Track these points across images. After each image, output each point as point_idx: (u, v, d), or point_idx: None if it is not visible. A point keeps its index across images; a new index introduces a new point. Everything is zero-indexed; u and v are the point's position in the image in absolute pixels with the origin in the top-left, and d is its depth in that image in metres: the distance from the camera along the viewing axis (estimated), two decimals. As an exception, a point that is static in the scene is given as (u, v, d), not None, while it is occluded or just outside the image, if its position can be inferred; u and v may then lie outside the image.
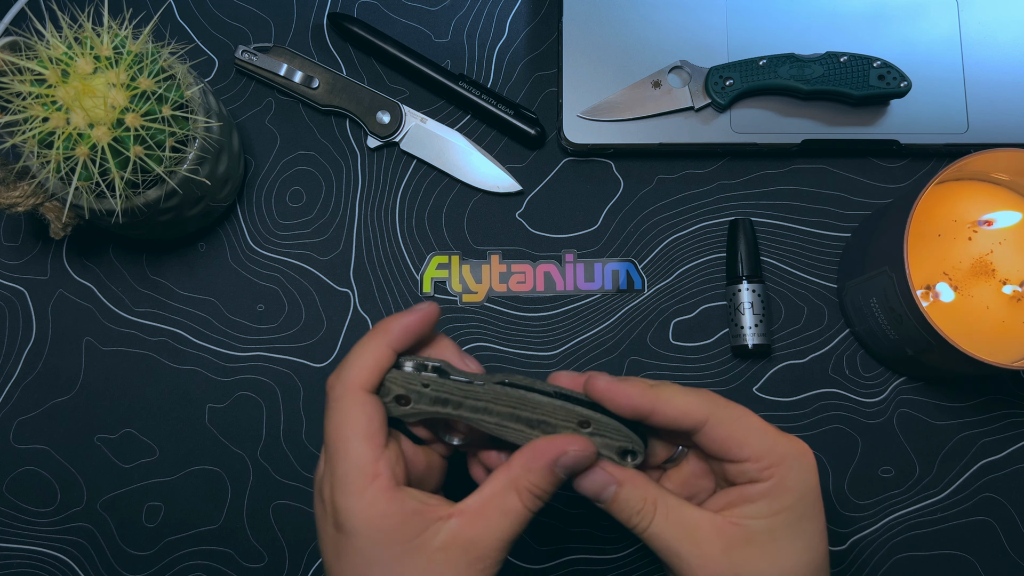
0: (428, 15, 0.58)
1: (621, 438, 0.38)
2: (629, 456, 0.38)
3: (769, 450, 0.37)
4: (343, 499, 0.36)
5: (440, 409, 0.38)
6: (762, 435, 0.37)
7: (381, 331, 0.39)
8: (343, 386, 0.37)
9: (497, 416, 0.38)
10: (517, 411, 0.38)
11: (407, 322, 0.39)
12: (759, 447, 0.37)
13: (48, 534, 0.52)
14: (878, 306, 0.49)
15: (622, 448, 0.38)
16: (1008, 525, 0.53)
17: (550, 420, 0.38)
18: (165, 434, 0.53)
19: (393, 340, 0.38)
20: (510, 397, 0.38)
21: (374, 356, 0.38)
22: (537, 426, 0.38)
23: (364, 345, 0.38)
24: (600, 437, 0.38)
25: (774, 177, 0.56)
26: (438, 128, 0.56)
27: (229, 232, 0.55)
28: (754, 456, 0.37)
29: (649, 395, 0.37)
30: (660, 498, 0.37)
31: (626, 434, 0.38)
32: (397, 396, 0.38)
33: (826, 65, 0.53)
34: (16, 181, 0.46)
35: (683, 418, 0.37)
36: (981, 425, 0.54)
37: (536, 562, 0.52)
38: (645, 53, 0.55)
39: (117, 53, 0.43)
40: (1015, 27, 0.56)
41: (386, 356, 0.38)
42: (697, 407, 0.37)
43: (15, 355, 0.53)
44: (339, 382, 0.37)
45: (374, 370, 0.38)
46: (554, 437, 0.37)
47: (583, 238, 0.55)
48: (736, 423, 0.37)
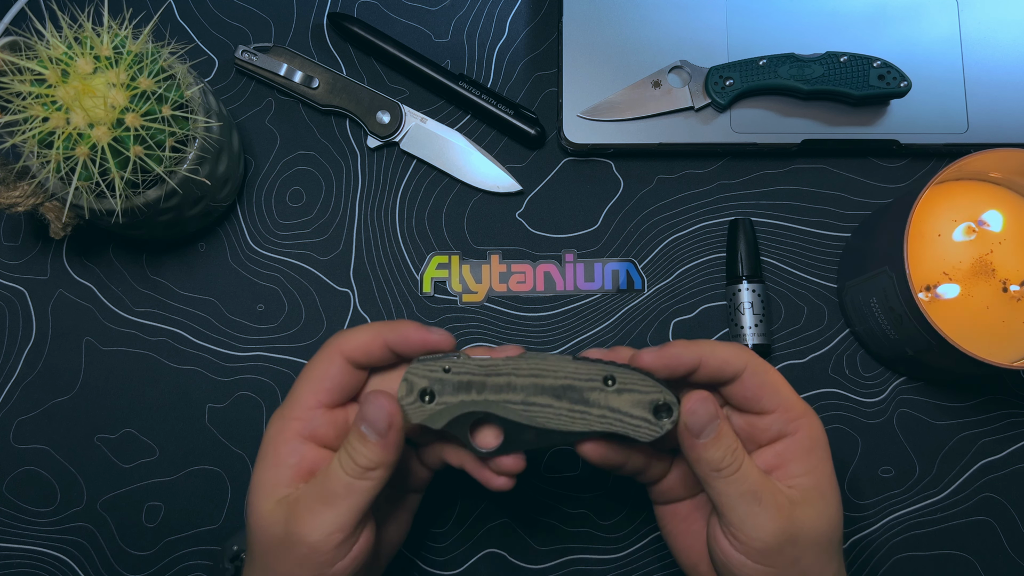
0: (428, 15, 0.58)
1: (650, 388, 0.38)
2: (664, 414, 0.38)
3: (795, 403, 0.39)
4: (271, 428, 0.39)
5: (465, 397, 0.38)
6: (788, 389, 0.39)
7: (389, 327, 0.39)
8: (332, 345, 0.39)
9: (522, 392, 0.37)
10: (540, 380, 0.37)
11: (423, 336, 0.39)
12: (787, 398, 0.39)
13: (48, 534, 0.52)
14: (878, 306, 0.49)
15: (654, 402, 0.38)
16: (1008, 525, 0.53)
17: (574, 384, 0.37)
18: (165, 434, 0.53)
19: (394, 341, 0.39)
20: (530, 364, 0.38)
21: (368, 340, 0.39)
22: (563, 395, 0.38)
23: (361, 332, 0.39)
24: (628, 393, 0.38)
25: (774, 177, 0.56)
26: (438, 128, 0.56)
27: (229, 232, 0.55)
28: (783, 407, 0.39)
29: (693, 349, 0.38)
30: (737, 441, 0.39)
31: (653, 383, 0.38)
32: (422, 391, 0.38)
33: (826, 65, 0.53)
34: (16, 181, 0.46)
35: (725, 366, 0.38)
36: (981, 425, 0.54)
37: (536, 562, 0.52)
38: (645, 53, 0.55)
39: (117, 53, 0.43)
40: (1015, 27, 0.56)
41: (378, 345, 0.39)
42: (736, 356, 0.39)
43: (15, 355, 0.53)
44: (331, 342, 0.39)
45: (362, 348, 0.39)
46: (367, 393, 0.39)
47: (583, 238, 0.55)
48: (768, 374, 0.39)
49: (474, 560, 0.52)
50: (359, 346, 0.38)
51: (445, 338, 0.39)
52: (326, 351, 0.39)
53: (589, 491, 0.53)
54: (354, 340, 0.38)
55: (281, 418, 0.38)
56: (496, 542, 0.52)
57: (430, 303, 0.54)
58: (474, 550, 0.52)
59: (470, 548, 0.52)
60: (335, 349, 0.39)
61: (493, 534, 0.52)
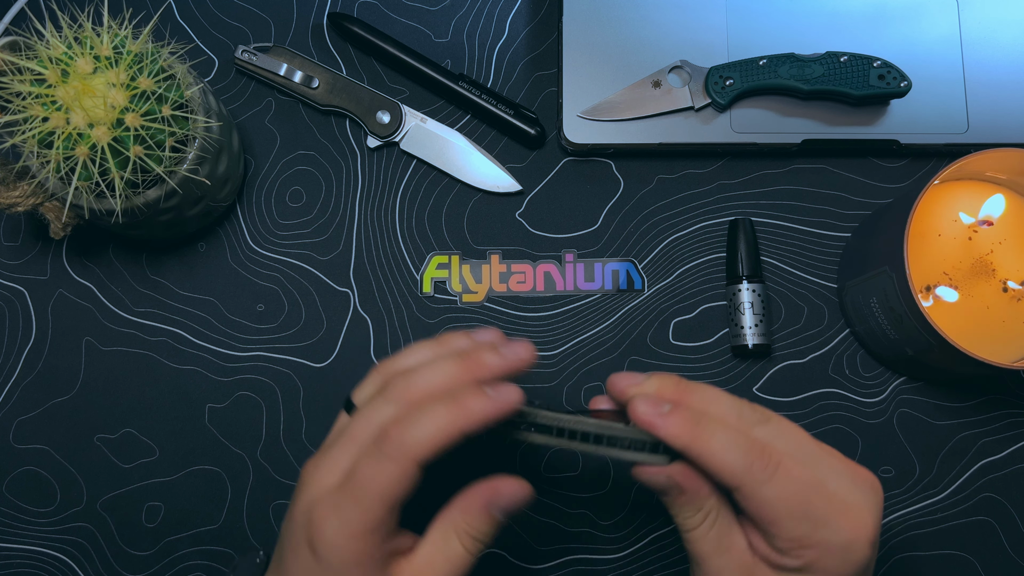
0: (428, 15, 0.58)
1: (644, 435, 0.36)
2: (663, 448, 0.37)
3: (803, 535, 0.34)
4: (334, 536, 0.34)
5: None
6: (797, 520, 0.34)
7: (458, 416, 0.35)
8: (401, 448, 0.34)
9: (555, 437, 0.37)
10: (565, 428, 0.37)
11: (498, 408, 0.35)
12: (790, 531, 0.34)
13: (48, 534, 0.52)
14: (878, 306, 0.49)
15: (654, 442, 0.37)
16: (1008, 525, 0.53)
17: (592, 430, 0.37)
18: (165, 434, 0.53)
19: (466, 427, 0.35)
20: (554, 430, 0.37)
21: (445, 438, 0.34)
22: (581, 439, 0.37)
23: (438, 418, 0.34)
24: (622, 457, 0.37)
25: (774, 177, 0.56)
26: (438, 128, 0.56)
27: (229, 232, 0.55)
28: (781, 537, 0.34)
29: (685, 436, 0.35)
30: (714, 510, 0.36)
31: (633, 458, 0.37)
32: None
33: (826, 65, 0.53)
34: (16, 181, 0.46)
35: (715, 474, 0.35)
36: (981, 425, 0.54)
37: (536, 562, 0.52)
38: (645, 53, 0.55)
39: (117, 53, 0.43)
40: (1015, 27, 0.56)
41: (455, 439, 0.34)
42: (729, 473, 0.34)
43: (15, 355, 0.53)
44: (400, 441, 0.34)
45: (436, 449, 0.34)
46: (489, 480, 0.36)
47: (583, 238, 0.55)
48: (766, 504, 0.34)
49: (474, 560, 0.52)
50: (435, 449, 0.34)
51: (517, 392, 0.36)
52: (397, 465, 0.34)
53: (589, 491, 0.53)
54: (428, 444, 0.34)
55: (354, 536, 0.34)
56: (496, 542, 0.52)
57: (430, 303, 0.54)
58: (474, 550, 0.52)
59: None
60: (410, 461, 0.34)
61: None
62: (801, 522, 0.34)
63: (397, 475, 0.34)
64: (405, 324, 0.54)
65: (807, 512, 0.34)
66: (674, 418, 0.35)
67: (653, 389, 0.37)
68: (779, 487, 0.34)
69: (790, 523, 0.34)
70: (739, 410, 0.36)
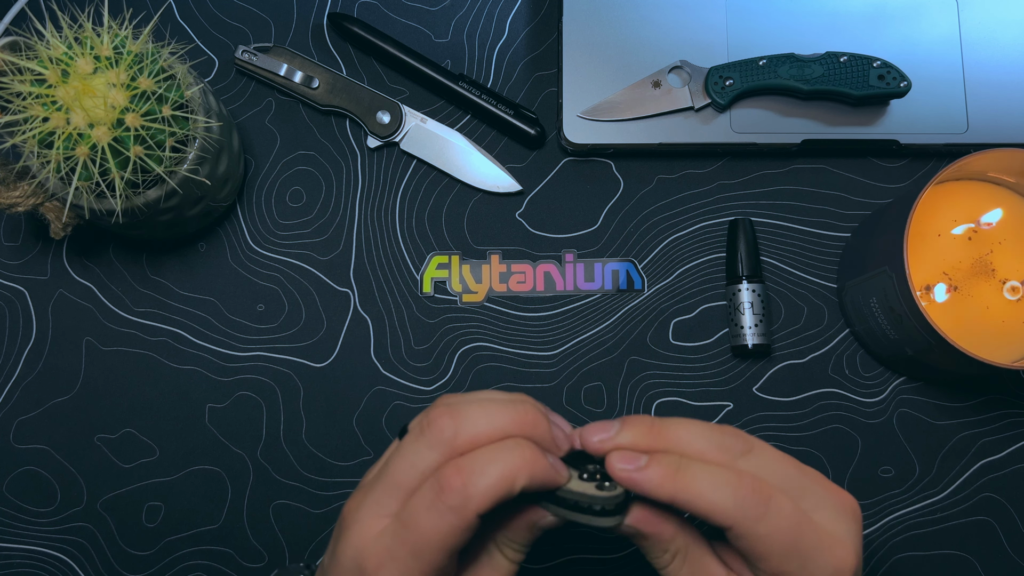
0: (428, 15, 0.58)
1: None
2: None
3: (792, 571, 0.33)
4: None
5: None
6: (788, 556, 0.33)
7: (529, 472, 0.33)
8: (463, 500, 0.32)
9: None
10: None
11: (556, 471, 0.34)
12: (779, 567, 0.33)
13: (48, 534, 0.52)
14: (878, 306, 0.49)
15: None
16: (1008, 525, 0.53)
17: None
18: (165, 434, 0.53)
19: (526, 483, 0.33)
20: None
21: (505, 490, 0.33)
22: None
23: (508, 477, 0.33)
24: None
25: (774, 177, 0.56)
26: (438, 128, 0.56)
27: (229, 232, 0.55)
28: (769, 573, 0.34)
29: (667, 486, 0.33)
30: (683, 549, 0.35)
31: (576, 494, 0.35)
32: None
33: (826, 65, 0.53)
34: (16, 181, 0.46)
35: (705, 517, 0.33)
36: (981, 425, 0.54)
37: (536, 562, 0.52)
38: (645, 53, 0.55)
39: (117, 53, 0.43)
40: (1015, 27, 0.56)
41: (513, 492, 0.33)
42: (721, 513, 0.33)
43: (15, 355, 0.53)
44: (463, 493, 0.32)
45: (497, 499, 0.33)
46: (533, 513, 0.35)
47: (583, 238, 0.55)
48: (759, 541, 0.33)
49: (474, 560, 0.52)
50: (495, 501, 0.32)
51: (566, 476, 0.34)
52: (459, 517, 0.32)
53: (589, 491, 0.53)
54: (489, 496, 0.32)
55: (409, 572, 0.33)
56: (496, 542, 0.52)
57: (430, 303, 0.54)
58: (474, 550, 0.52)
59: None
60: (470, 510, 0.32)
61: (493, 534, 0.52)
62: (791, 558, 0.33)
63: (458, 527, 0.32)
64: (405, 324, 0.54)
65: (797, 548, 0.33)
66: (653, 470, 0.33)
67: (627, 440, 0.35)
68: (771, 524, 0.33)
69: (780, 559, 0.33)
70: (720, 441, 0.35)
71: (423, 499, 0.33)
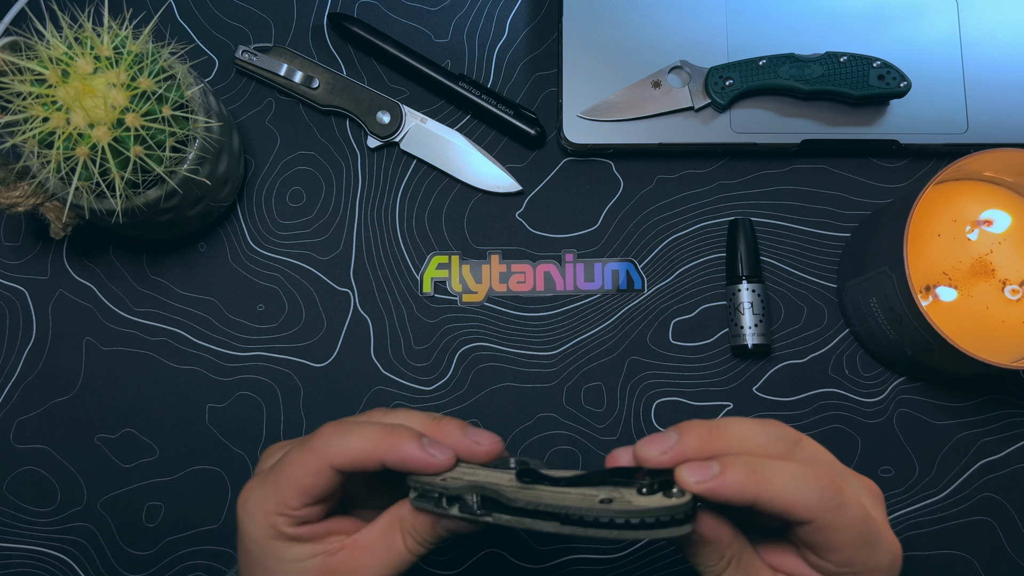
0: (428, 15, 0.58)
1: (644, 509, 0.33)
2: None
3: (861, 560, 0.34)
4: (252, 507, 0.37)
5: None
6: (860, 546, 0.34)
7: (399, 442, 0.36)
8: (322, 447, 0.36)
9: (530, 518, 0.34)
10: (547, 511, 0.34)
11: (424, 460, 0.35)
12: (852, 557, 0.34)
13: (48, 534, 0.52)
14: (878, 306, 0.49)
15: None
16: (1008, 525, 0.53)
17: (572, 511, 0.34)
18: (165, 434, 0.53)
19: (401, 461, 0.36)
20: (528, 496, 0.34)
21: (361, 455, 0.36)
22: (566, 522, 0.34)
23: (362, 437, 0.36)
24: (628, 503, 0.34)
25: (774, 177, 0.56)
26: (438, 128, 0.56)
27: (229, 232, 0.55)
28: (840, 563, 0.34)
29: (749, 488, 0.32)
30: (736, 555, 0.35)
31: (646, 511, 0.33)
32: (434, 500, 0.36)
33: (826, 65, 0.53)
34: (16, 181, 0.46)
35: (786, 515, 0.33)
36: (981, 425, 0.54)
37: (536, 562, 0.52)
38: (645, 53, 0.55)
39: (117, 53, 0.43)
40: (1015, 27, 0.56)
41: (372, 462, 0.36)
42: (804, 508, 0.32)
43: (15, 355, 0.53)
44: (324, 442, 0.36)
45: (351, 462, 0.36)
46: None
47: (583, 238, 0.55)
48: (838, 532, 0.33)
49: (474, 560, 0.52)
50: (352, 460, 0.36)
51: (448, 459, 0.36)
52: (315, 460, 0.36)
53: (589, 491, 0.53)
54: (348, 452, 0.36)
55: (266, 512, 0.37)
56: (496, 542, 0.52)
57: (430, 303, 0.54)
58: (474, 550, 0.52)
59: (470, 548, 0.52)
60: (325, 460, 0.36)
61: (493, 534, 0.52)
62: (863, 547, 0.33)
63: (312, 467, 0.36)
64: (405, 324, 0.54)
65: (867, 538, 0.34)
66: (732, 474, 0.32)
67: (691, 448, 0.34)
68: (848, 514, 0.33)
69: (854, 549, 0.33)
70: (775, 435, 0.35)
71: (300, 441, 0.37)
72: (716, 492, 0.32)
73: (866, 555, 0.34)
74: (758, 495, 0.32)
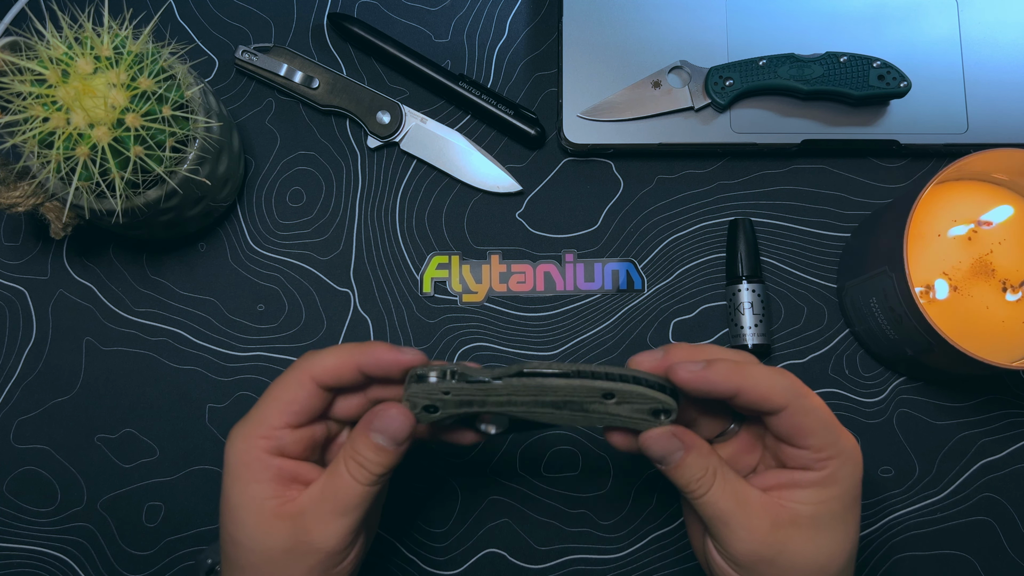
0: (428, 15, 0.58)
1: (648, 401, 0.38)
2: (663, 415, 0.38)
3: (830, 444, 0.38)
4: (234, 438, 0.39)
5: (467, 409, 0.38)
6: (828, 429, 0.38)
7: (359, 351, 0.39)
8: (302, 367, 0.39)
9: (523, 405, 0.38)
10: (540, 398, 0.38)
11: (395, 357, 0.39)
12: (823, 440, 0.38)
13: (48, 534, 0.52)
14: (878, 306, 0.49)
15: (653, 409, 0.38)
16: (1008, 525, 0.53)
17: (574, 399, 0.38)
18: (165, 434, 0.53)
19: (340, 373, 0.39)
20: (528, 388, 0.38)
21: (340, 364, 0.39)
22: (564, 407, 0.38)
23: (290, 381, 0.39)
24: (627, 404, 0.38)
25: (774, 177, 0.56)
26: (438, 128, 0.56)
27: (229, 232, 0.55)
28: (816, 447, 0.38)
29: (734, 378, 0.37)
30: (719, 469, 0.39)
31: (651, 397, 0.37)
32: (424, 406, 0.38)
33: (826, 65, 0.53)
34: (16, 181, 0.46)
35: (763, 403, 0.37)
36: (981, 425, 0.54)
37: (536, 562, 0.52)
38: (645, 53, 0.55)
39: (117, 53, 0.43)
40: (1015, 27, 0.56)
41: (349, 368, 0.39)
42: (779, 394, 0.37)
43: (15, 355, 0.53)
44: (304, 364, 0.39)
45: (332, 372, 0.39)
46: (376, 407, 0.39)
47: (583, 238, 0.55)
48: (809, 415, 0.38)
49: (474, 560, 0.52)
50: (329, 369, 0.38)
51: (418, 357, 0.39)
52: (295, 373, 0.39)
53: (589, 491, 0.53)
54: (325, 363, 0.38)
55: (245, 436, 0.39)
56: (496, 542, 0.52)
57: (430, 303, 0.54)
58: (474, 550, 0.52)
59: (470, 548, 0.52)
60: (305, 372, 0.38)
61: (493, 534, 0.52)
62: (829, 432, 0.38)
63: (293, 380, 0.38)
64: (405, 324, 0.54)
65: (830, 424, 0.38)
66: (718, 367, 0.37)
67: (683, 356, 0.39)
68: (813, 402, 0.38)
69: (823, 433, 0.37)
70: (743, 354, 0.40)
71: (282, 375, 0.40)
72: (707, 380, 0.37)
73: (833, 439, 0.38)
74: (741, 384, 0.37)
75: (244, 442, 0.38)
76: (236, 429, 0.39)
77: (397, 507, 0.52)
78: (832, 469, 0.38)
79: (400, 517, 0.52)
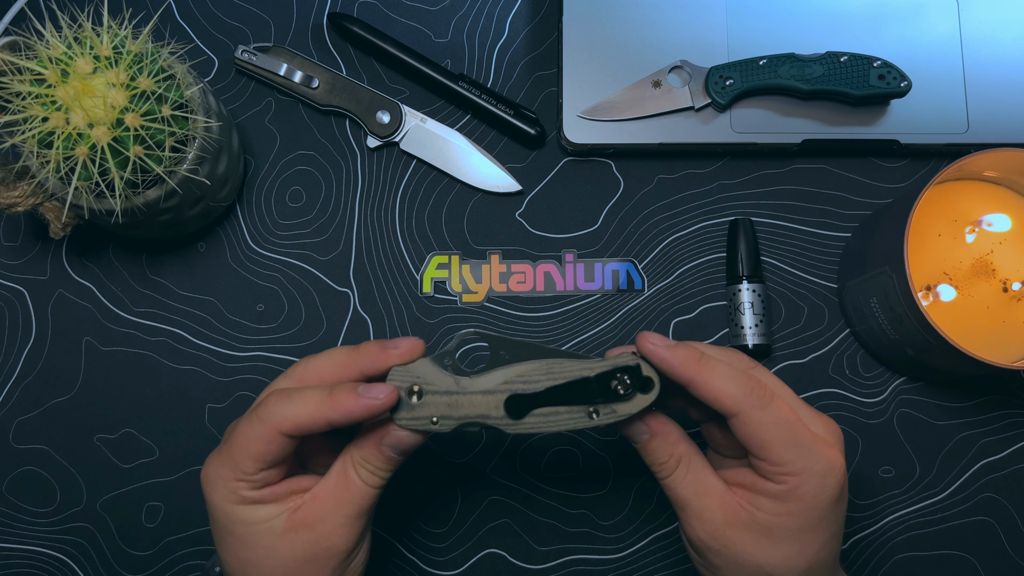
0: (428, 15, 0.58)
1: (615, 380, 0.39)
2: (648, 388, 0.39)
3: (790, 461, 0.37)
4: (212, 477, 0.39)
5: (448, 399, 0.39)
6: (788, 446, 0.37)
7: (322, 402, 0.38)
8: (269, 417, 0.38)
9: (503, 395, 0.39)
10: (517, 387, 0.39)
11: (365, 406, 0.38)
12: (780, 455, 0.37)
13: (48, 534, 0.52)
14: (878, 306, 0.49)
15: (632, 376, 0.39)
16: (1008, 525, 0.53)
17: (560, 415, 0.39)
18: (165, 434, 0.53)
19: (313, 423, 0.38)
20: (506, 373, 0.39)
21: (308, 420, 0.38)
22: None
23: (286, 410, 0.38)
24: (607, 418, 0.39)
25: (774, 177, 0.56)
26: (438, 128, 0.56)
27: (229, 232, 0.55)
28: (773, 461, 0.38)
29: (690, 367, 0.38)
30: (685, 456, 0.40)
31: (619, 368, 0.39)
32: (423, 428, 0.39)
33: (826, 65, 0.53)
34: (16, 181, 0.46)
35: (713, 402, 0.38)
36: (981, 425, 0.54)
37: (536, 562, 0.52)
38: (645, 53, 0.55)
39: (117, 53, 0.43)
40: (1015, 27, 0.56)
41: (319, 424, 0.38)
42: (730, 399, 0.38)
43: (15, 355, 0.53)
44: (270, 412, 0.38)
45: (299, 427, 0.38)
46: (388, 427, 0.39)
47: (583, 238, 0.55)
48: (766, 428, 0.37)
49: (474, 560, 0.52)
50: (298, 427, 0.38)
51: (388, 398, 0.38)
52: (263, 429, 0.38)
53: (589, 491, 0.53)
54: (292, 420, 0.38)
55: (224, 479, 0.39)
56: (496, 542, 0.52)
57: (430, 303, 0.54)
58: (474, 550, 0.52)
59: (470, 548, 0.52)
60: (273, 428, 0.38)
61: (493, 534, 0.52)
62: (790, 448, 0.37)
63: (262, 436, 0.38)
64: (405, 324, 0.54)
65: (795, 439, 0.37)
66: (681, 350, 0.38)
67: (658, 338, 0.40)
68: (773, 414, 0.37)
69: (781, 448, 0.37)
70: (731, 354, 0.41)
71: (248, 413, 0.39)
72: (665, 360, 0.38)
73: (794, 455, 0.37)
74: (694, 377, 0.38)
75: (225, 485, 0.39)
76: (212, 468, 0.39)
77: (397, 507, 0.52)
78: (791, 486, 0.37)
79: (400, 517, 0.52)
